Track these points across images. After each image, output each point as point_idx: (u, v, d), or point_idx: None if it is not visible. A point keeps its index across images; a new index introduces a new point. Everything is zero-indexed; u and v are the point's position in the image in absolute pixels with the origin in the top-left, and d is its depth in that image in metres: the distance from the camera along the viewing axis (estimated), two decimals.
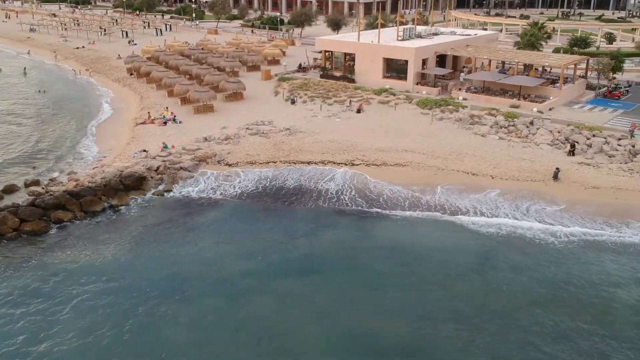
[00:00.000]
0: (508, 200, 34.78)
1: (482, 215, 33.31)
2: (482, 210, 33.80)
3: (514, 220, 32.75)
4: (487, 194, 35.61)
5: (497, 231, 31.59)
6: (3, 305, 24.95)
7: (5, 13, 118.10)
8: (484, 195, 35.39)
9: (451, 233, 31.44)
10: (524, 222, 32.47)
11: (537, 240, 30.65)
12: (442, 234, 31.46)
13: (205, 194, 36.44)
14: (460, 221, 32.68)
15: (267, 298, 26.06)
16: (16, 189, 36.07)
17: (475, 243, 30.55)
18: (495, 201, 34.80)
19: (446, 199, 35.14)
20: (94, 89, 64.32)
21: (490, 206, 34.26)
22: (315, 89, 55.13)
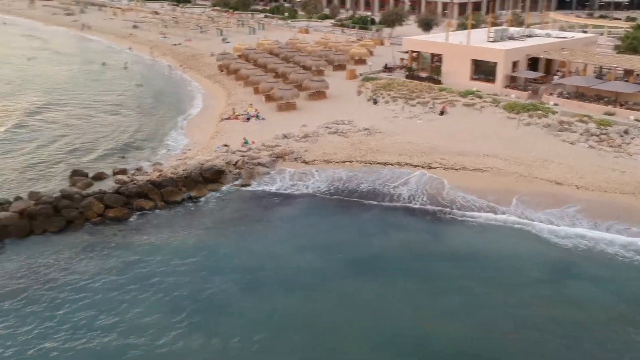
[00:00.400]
0: (592, 212, 32.85)
1: (560, 224, 31.71)
2: (561, 220, 32.15)
3: (594, 232, 30.91)
4: (569, 204, 33.81)
5: (576, 243, 29.95)
6: (88, 281, 26.73)
7: (112, 11, 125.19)
8: (566, 206, 33.63)
9: (525, 241, 30.19)
10: (606, 234, 30.56)
11: (620, 256, 28.76)
12: (515, 241, 30.28)
13: (280, 189, 37.00)
14: (535, 230, 31.28)
15: (330, 295, 26.15)
16: (105, 177, 38.10)
17: (549, 253, 29.19)
18: (578, 211, 32.98)
19: (524, 206, 33.70)
20: (186, 84, 66.94)
21: (571, 216, 32.52)
22: (398, 89, 54.50)
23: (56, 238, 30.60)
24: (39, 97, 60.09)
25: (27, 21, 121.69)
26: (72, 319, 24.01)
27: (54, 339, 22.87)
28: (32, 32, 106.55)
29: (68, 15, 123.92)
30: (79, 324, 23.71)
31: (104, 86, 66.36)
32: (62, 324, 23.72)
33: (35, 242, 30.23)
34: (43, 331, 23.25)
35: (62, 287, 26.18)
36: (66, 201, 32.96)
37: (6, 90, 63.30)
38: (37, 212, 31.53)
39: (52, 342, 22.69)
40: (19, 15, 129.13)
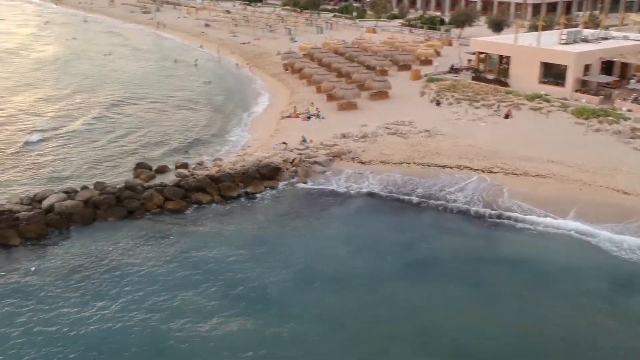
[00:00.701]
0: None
1: (623, 235, 30.26)
2: (625, 232, 30.66)
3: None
4: (636, 216, 32.16)
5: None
6: (145, 267, 27.94)
7: (187, 10, 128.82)
8: (633, 219, 32.01)
9: (584, 252, 29.07)
10: None
11: None
12: (573, 251, 29.22)
13: (335, 189, 37.06)
14: (596, 240, 29.98)
15: (378, 296, 26.02)
16: (167, 170, 39.34)
17: (610, 265, 27.92)
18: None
19: (586, 215, 32.32)
20: (251, 82, 68.06)
21: (636, 229, 30.94)
22: (463, 91, 53.47)
23: (117, 226, 31.85)
24: (116, 92, 62.53)
25: (106, 19, 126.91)
26: (130, 300, 25.20)
27: (113, 318, 23.99)
28: (111, 30, 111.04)
29: (145, 14, 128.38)
30: (136, 305, 24.86)
31: (174, 82, 68.39)
32: (121, 304, 24.91)
33: (98, 229, 31.57)
34: (104, 310, 24.38)
35: (121, 271, 27.39)
36: (129, 192, 34.26)
37: (87, 84, 66.23)
38: (101, 202, 32.93)
39: (112, 321, 23.77)
40: (100, 13, 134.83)
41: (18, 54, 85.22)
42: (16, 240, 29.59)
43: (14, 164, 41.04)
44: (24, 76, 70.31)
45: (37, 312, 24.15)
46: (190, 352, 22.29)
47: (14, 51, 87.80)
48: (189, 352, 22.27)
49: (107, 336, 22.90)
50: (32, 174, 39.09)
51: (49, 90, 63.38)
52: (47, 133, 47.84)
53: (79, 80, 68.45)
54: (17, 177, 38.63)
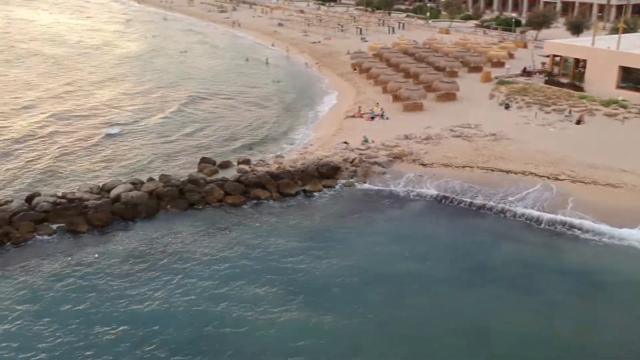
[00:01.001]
0: None
1: None
2: None
3: None
4: None
5: None
6: (204, 256, 28.83)
7: (262, 9, 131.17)
8: None
9: None
10: None
11: None
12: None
13: (393, 190, 36.77)
14: None
15: (427, 300, 25.71)
16: (230, 165, 40.20)
17: None
18: None
19: None
20: (319, 81, 68.51)
21: None
22: (534, 94, 51.82)
23: (178, 218, 32.90)
24: (191, 88, 64.33)
25: (184, 17, 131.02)
26: (186, 287, 26.06)
27: (169, 302, 24.94)
28: (190, 28, 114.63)
29: (221, 12, 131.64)
30: (191, 292, 25.71)
31: (245, 80, 69.69)
32: (177, 290, 25.85)
33: (160, 220, 32.69)
34: (161, 296, 25.38)
35: (179, 260, 28.35)
36: (191, 185, 35.30)
37: (165, 80, 68.43)
38: (164, 194, 34.11)
39: (167, 305, 24.70)
40: (179, 11, 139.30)
41: (103, 50, 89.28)
42: (84, 227, 31.11)
43: (93, 154, 43.06)
44: (107, 71, 73.55)
45: (98, 295, 25.33)
46: (240, 339, 22.81)
47: (100, 47, 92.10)
48: (239, 339, 22.82)
49: (161, 319, 23.73)
50: (107, 164, 40.87)
51: (130, 85, 66.03)
52: (126, 126, 49.80)
53: (157, 76, 71.01)
54: (94, 166, 40.47)
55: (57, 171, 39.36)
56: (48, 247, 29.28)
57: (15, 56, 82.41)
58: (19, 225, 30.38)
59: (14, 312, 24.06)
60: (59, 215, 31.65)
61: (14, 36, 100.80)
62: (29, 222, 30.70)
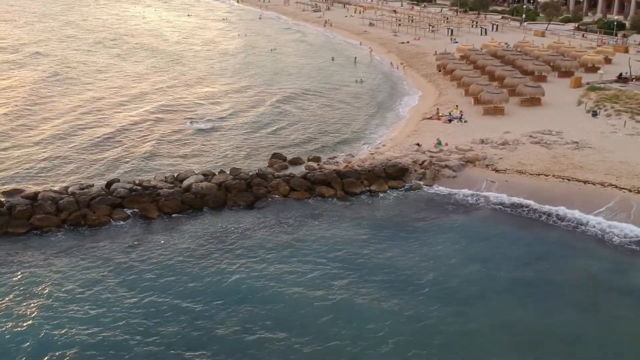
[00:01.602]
0: None
1: None
2: None
3: None
4: None
5: None
6: (262, 249, 29.62)
7: (354, 9, 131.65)
8: None
9: None
10: None
11: None
12: None
13: (461, 195, 35.99)
14: None
15: (478, 310, 25.02)
16: (300, 162, 40.80)
17: None
18: None
19: None
20: (402, 82, 68.00)
21: None
22: (626, 102, 48.85)
23: (244, 210, 33.85)
24: (279, 86, 65.47)
25: (279, 16, 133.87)
26: (241, 278, 26.96)
27: (225, 291, 25.93)
28: (284, 27, 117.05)
29: (315, 12, 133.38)
30: (246, 283, 26.53)
31: (329, 79, 69.85)
32: (234, 279, 26.84)
33: (227, 211, 33.79)
34: (217, 284, 26.39)
35: (240, 251, 29.21)
36: (259, 179, 36.24)
37: (255, 78, 70.00)
38: (232, 186, 35.23)
39: (220, 294, 25.60)
40: (274, 10, 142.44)
41: (196, 47, 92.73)
42: (154, 213, 32.76)
43: (180, 146, 44.86)
44: (200, 68, 76.08)
45: (156, 279, 26.65)
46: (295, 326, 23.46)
47: (206, 43, 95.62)
48: (294, 324, 23.52)
49: (211, 306, 24.66)
50: (191, 157, 42.43)
51: (222, 82, 67.39)
52: (216, 122, 50.99)
53: (247, 73, 72.31)
54: (178, 159, 42.12)
55: (147, 160, 41.48)
56: (120, 231, 31.09)
57: (123, 50, 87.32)
58: (97, 208, 32.46)
59: (77, 291, 25.76)
60: (133, 201, 33.48)
61: (123, 31, 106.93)
62: (106, 206, 32.73)
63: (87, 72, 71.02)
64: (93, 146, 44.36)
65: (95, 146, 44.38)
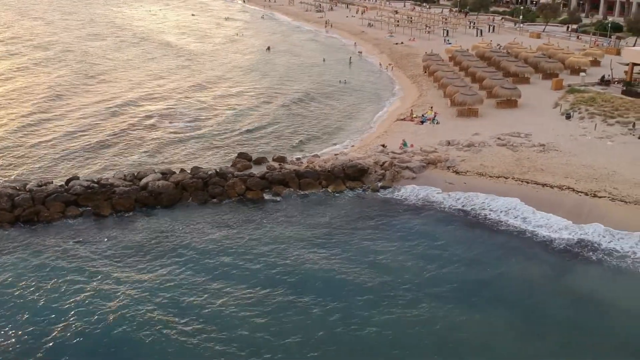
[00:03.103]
0: None
1: None
2: None
3: None
4: None
5: None
6: (202, 250, 29.72)
7: (356, 9, 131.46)
8: None
9: None
10: None
11: None
12: None
13: (416, 197, 35.95)
14: None
15: (404, 313, 24.99)
16: (265, 162, 40.93)
17: None
18: None
19: None
20: (386, 82, 67.90)
21: None
22: (601, 105, 48.37)
23: (196, 209, 34.14)
24: (263, 85, 65.88)
25: (281, 16, 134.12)
26: (175, 277, 27.17)
27: (153, 291, 26.03)
28: (282, 27, 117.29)
29: (317, 12, 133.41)
30: (178, 283, 26.71)
31: (314, 79, 69.73)
32: (167, 279, 26.98)
33: (180, 210, 34.08)
34: (147, 283, 26.54)
35: (180, 250, 29.50)
36: (217, 179, 36.48)
37: (243, 78, 70.37)
38: (189, 185, 35.53)
39: (149, 294, 25.81)
40: (278, 10, 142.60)
41: (190, 47, 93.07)
42: (107, 211, 33.18)
43: (157, 144, 45.33)
44: (190, 66, 76.69)
45: (93, 276, 27.00)
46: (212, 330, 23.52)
47: (187, 44, 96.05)
48: (212, 333, 23.50)
49: (137, 307, 24.91)
50: (163, 154, 43.15)
51: (212, 80, 67.95)
52: (192, 123, 51.24)
53: (241, 72, 73.07)
54: (150, 155, 42.84)
55: (117, 157, 42.28)
56: (68, 228, 31.50)
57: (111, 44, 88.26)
58: (51, 205, 32.93)
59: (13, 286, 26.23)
60: (88, 198, 33.90)
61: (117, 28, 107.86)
62: (60, 203, 33.19)
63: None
64: (68, 144, 45.11)
65: (66, 143, 45.11)
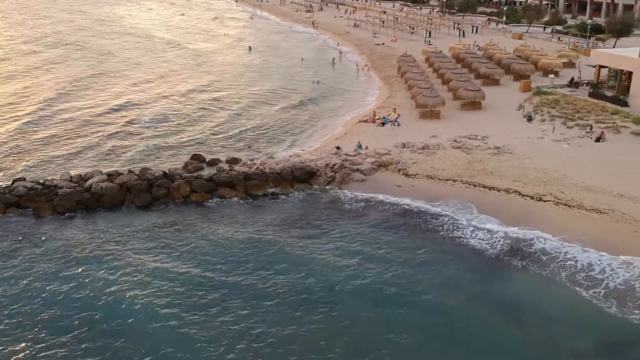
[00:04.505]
0: None
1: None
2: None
3: None
4: None
5: None
6: (132, 254, 29.35)
7: (345, 9, 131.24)
8: None
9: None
10: None
11: None
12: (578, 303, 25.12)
13: (363, 199, 35.67)
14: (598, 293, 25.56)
15: (317, 313, 24.81)
16: (218, 163, 40.82)
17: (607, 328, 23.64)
18: None
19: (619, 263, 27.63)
20: (360, 84, 67.66)
21: None
22: (563, 107, 48.12)
23: (137, 212, 33.91)
24: (242, 85, 66.07)
25: (271, 16, 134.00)
26: (100, 283, 26.83)
27: (75, 295, 25.84)
28: (269, 27, 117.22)
29: (307, 12, 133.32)
30: (101, 288, 26.33)
31: (287, 80, 69.39)
32: (91, 283, 26.67)
33: (121, 212, 33.81)
34: (73, 287, 26.38)
35: (107, 255, 29.05)
36: (163, 180, 36.31)
37: (224, 77, 70.49)
38: (133, 186, 35.39)
39: (68, 299, 25.67)
40: (268, 10, 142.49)
41: (178, 46, 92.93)
42: (47, 212, 33.08)
43: (119, 144, 45.54)
44: (172, 67, 76.70)
45: (19, 276, 26.92)
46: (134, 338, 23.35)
47: (175, 43, 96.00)
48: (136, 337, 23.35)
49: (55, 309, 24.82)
50: (119, 155, 43.03)
51: (190, 82, 67.78)
52: (154, 123, 51.21)
53: (217, 72, 73.06)
54: (107, 157, 42.79)
55: (74, 158, 42.33)
56: (4, 229, 31.42)
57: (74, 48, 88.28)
58: None
59: None
60: (30, 200, 33.82)
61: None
62: (1, 205, 33.12)
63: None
64: (21, 142, 45.26)
65: (19, 142, 45.28)
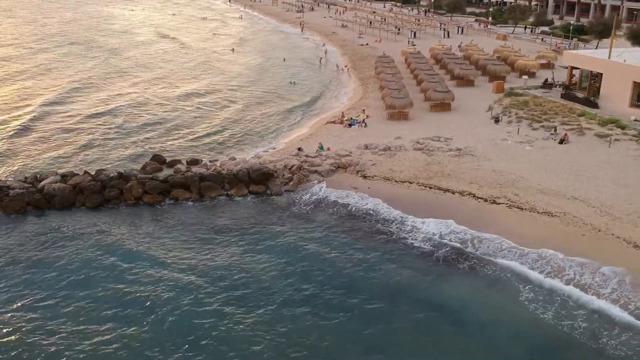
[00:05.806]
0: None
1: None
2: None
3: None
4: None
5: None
6: (67, 257, 29.03)
7: (335, 9, 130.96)
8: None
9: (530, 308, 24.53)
10: None
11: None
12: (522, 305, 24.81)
13: (315, 202, 35.34)
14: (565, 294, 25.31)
15: (247, 315, 24.60)
16: (178, 164, 40.56)
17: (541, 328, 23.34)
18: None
19: (561, 263, 27.36)
20: (336, 84, 67.31)
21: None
22: (531, 109, 47.81)
23: (88, 213, 33.69)
24: (219, 85, 66.17)
25: (261, 16, 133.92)
26: (36, 290, 26.61)
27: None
28: (258, 27, 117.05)
29: (298, 12, 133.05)
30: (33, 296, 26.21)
31: (268, 80, 69.53)
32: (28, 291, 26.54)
33: (70, 213, 33.51)
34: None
35: (48, 259, 28.78)
36: (117, 181, 36.05)
37: (206, 76, 70.44)
38: (85, 187, 35.18)
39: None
40: (259, 10, 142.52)
41: (151, 44, 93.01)
42: None
43: (84, 145, 45.47)
44: (147, 65, 76.70)
45: None
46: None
47: (152, 40, 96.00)
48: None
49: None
50: (81, 154, 43.09)
51: (163, 79, 68.14)
52: (124, 123, 51.29)
53: (198, 72, 73.13)
54: (69, 156, 42.86)
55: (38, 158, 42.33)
56: None
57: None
58: None
59: None
60: None
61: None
62: None
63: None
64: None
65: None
